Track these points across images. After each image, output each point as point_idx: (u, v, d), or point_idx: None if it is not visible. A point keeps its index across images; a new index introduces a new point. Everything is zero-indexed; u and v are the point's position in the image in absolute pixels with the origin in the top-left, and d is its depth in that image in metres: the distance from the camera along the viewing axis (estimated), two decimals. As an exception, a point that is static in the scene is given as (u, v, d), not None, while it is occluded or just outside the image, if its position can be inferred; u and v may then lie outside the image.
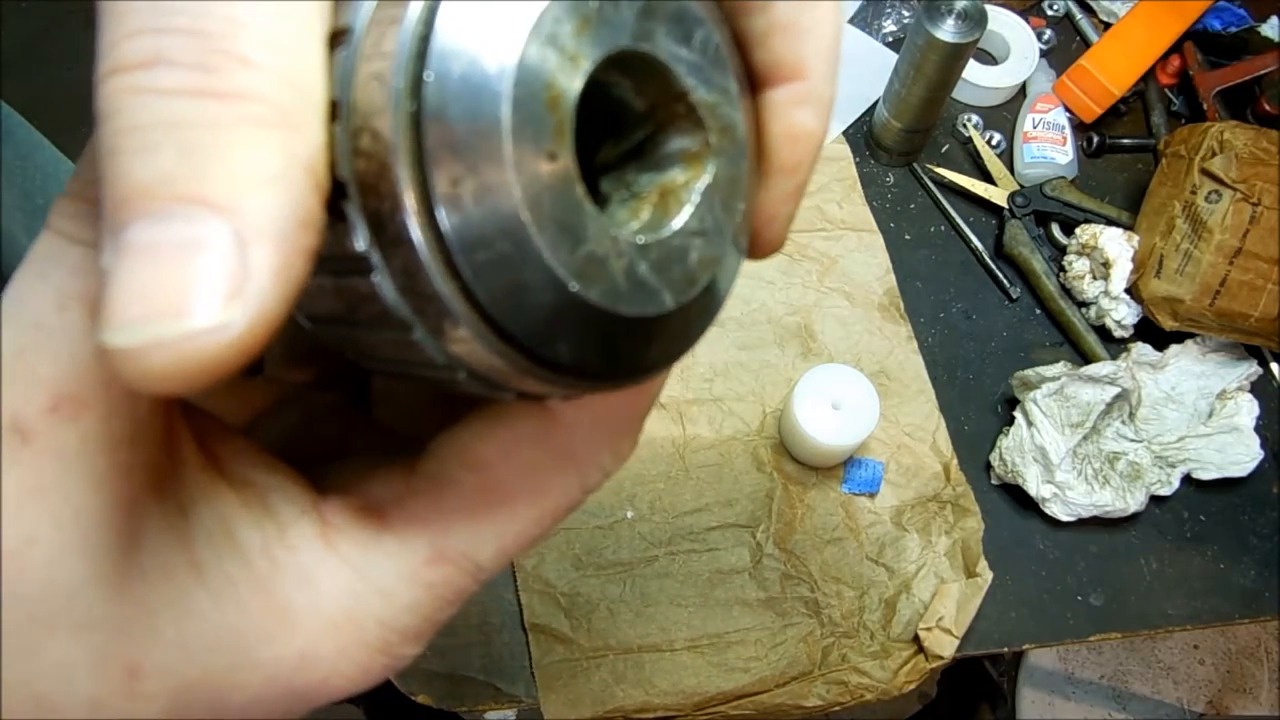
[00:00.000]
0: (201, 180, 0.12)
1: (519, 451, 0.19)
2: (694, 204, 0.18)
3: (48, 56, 0.89)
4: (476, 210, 0.14)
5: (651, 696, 0.64)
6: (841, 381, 0.68)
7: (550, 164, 0.15)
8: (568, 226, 0.15)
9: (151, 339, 0.12)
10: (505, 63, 0.14)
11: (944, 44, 0.73)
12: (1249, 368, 0.77)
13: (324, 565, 0.18)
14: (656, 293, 0.17)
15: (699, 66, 0.17)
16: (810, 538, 0.70)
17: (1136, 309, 0.77)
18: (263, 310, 0.13)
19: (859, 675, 0.66)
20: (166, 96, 0.12)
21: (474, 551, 0.19)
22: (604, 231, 0.16)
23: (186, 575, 0.17)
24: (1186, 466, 0.74)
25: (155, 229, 0.12)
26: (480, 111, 0.14)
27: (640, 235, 0.17)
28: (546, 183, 0.15)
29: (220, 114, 0.12)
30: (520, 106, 0.14)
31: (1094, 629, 0.70)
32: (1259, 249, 0.72)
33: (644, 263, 0.17)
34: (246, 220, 0.13)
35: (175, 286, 0.12)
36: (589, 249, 0.16)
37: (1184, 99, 0.91)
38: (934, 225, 0.84)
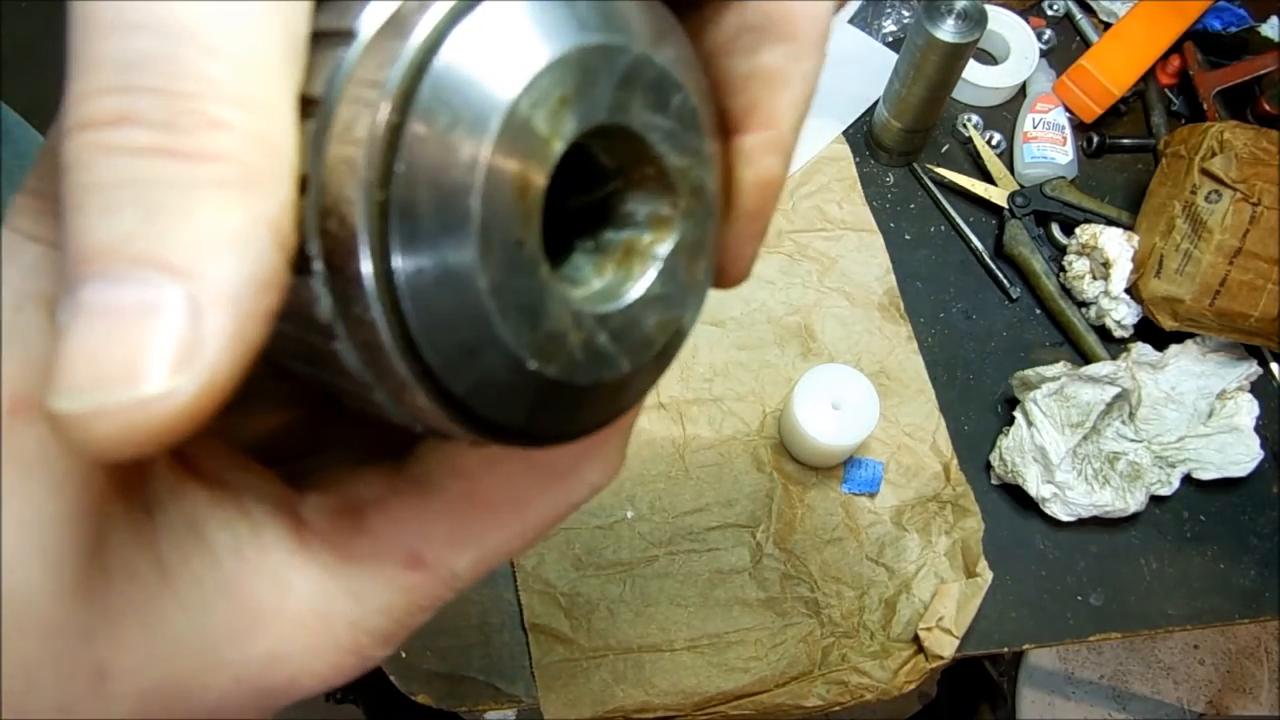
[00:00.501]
0: (161, 242, 0.12)
1: (503, 463, 0.19)
2: (658, 268, 0.18)
3: (48, 56, 0.89)
4: (440, 299, 0.14)
5: (651, 696, 0.64)
6: (841, 381, 0.68)
7: (517, 251, 0.15)
8: (529, 308, 0.15)
9: (97, 406, 0.12)
10: (479, 155, 0.14)
11: (944, 44, 0.73)
12: (1249, 368, 0.77)
13: (296, 564, 0.18)
14: (613, 359, 0.17)
15: (673, 133, 0.17)
16: (810, 538, 0.70)
17: (1136, 309, 0.77)
18: (213, 377, 0.13)
19: (859, 675, 0.66)
20: (132, 155, 0.12)
21: (451, 559, 0.19)
22: (565, 308, 0.16)
23: (152, 576, 0.16)
24: (1186, 466, 0.74)
25: (110, 291, 0.12)
26: (451, 206, 0.14)
27: (601, 305, 0.17)
28: (511, 269, 0.15)
29: (186, 175, 0.12)
30: (490, 200, 0.14)
31: (1094, 629, 0.70)
32: (1259, 249, 0.72)
33: (603, 333, 0.17)
34: (204, 285, 0.12)
35: (125, 352, 0.12)
36: (549, 327, 0.16)
37: (1184, 99, 0.91)
38: (934, 225, 0.84)
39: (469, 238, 0.14)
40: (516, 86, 0.14)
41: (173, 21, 0.12)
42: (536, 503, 0.19)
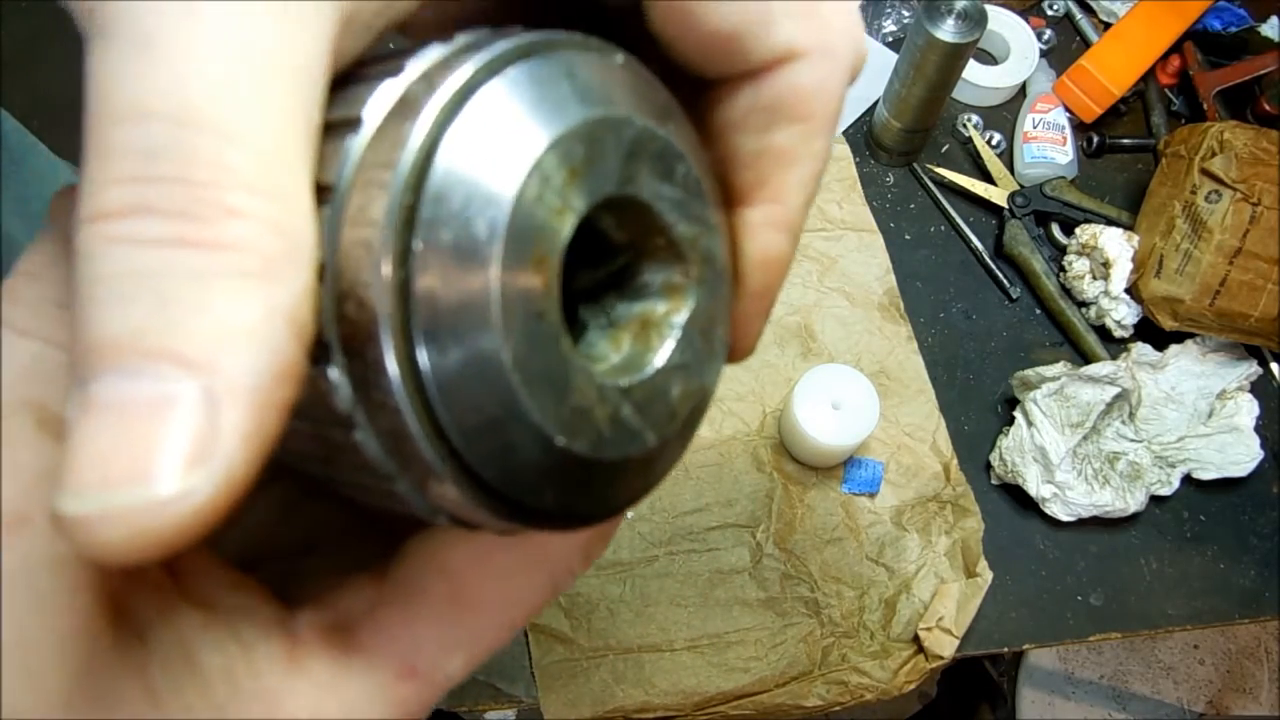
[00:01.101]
0: (175, 334, 0.12)
1: (491, 558, 0.18)
2: (675, 338, 0.18)
3: (48, 56, 0.89)
4: (465, 377, 0.14)
5: (651, 696, 0.64)
6: (841, 381, 0.68)
7: (538, 323, 0.15)
8: (554, 381, 0.15)
9: (106, 509, 0.11)
10: (495, 229, 0.14)
11: (944, 44, 0.73)
12: (1249, 368, 0.76)
13: (289, 685, 0.17)
14: (639, 434, 0.17)
15: (680, 202, 0.17)
16: (810, 538, 0.70)
17: (1136, 309, 0.77)
18: (229, 476, 0.12)
19: (859, 675, 0.66)
20: (147, 247, 0.12)
21: (445, 663, 0.18)
22: (589, 381, 0.16)
23: (142, 704, 0.16)
24: (1186, 466, 0.74)
25: (122, 385, 0.12)
26: (470, 281, 0.14)
27: (623, 378, 0.17)
28: (534, 342, 0.15)
29: (201, 265, 0.12)
30: (509, 271, 0.14)
31: (1094, 629, 0.70)
32: (1259, 249, 0.72)
33: (627, 405, 0.17)
34: (220, 377, 0.12)
35: (136, 451, 0.11)
36: (575, 402, 0.15)
37: (1184, 99, 0.91)
38: (934, 225, 0.84)
39: (490, 312, 0.14)
40: (528, 162, 0.14)
41: (190, 109, 0.12)
42: (523, 593, 0.19)
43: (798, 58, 0.18)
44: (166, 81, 0.12)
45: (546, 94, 0.15)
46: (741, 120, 0.18)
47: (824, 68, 0.18)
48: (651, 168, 0.17)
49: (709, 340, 0.18)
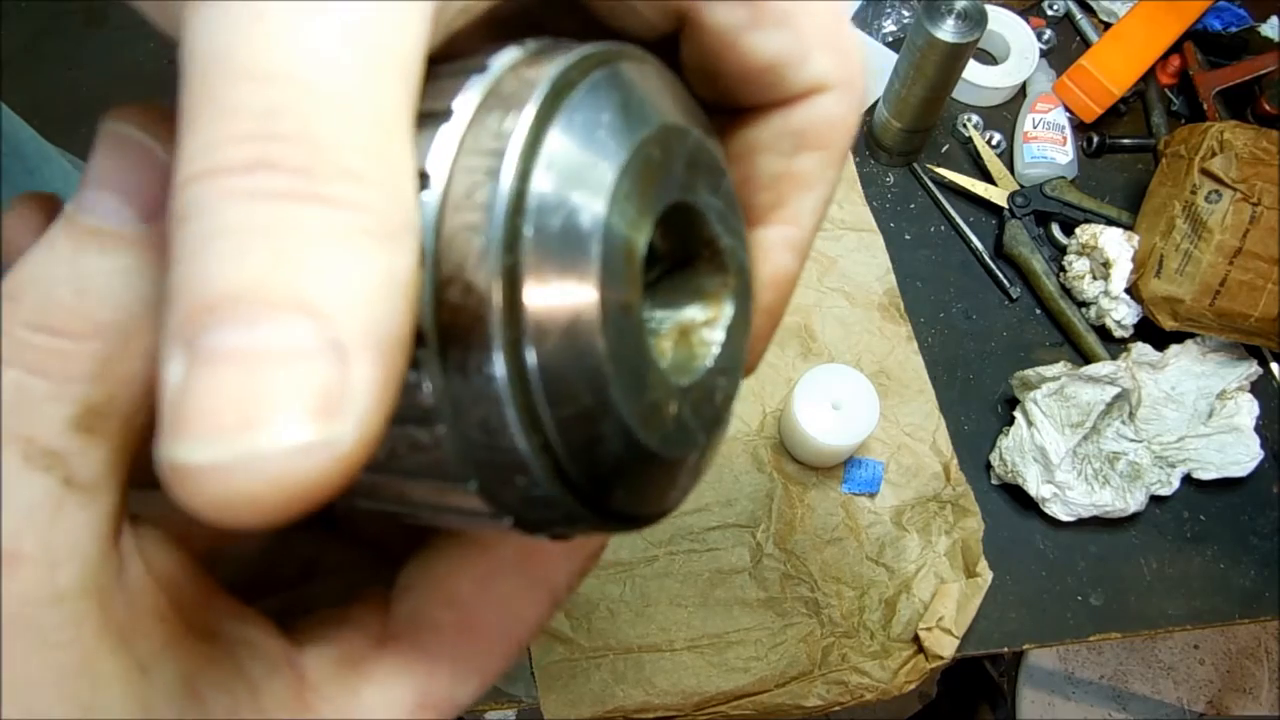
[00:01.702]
0: (300, 283, 0.11)
1: (496, 582, 0.18)
2: (720, 342, 0.18)
3: (48, 56, 0.89)
4: (565, 365, 0.14)
5: (651, 696, 0.64)
6: (841, 381, 0.68)
7: (626, 317, 0.15)
8: (638, 375, 0.15)
9: (240, 454, 0.10)
10: (595, 219, 0.14)
11: (944, 44, 0.73)
12: (1249, 368, 0.76)
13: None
14: (694, 433, 0.17)
15: (723, 214, 0.18)
16: (810, 538, 0.70)
17: (1136, 309, 0.77)
18: (367, 429, 0.11)
19: (859, 675, 0.66)
20: (270, 200, 0.11)
21: (457, 693, 0.18)
22: (662, 378, 0.16)
23: None
24: (1186, 466, 0.74)
25: (243, 334, 0.11)
26: (575, 268, 0.14)
27: (682, 378, 0.17)
28: (623, 336, 0.15)
29: (326, 222, 0.11)
30: (609, 263, 0.14)
31: (1094, 629, 0.70)
32: (1259, 249, 0.72)
33: (687, 405, 0.17)
34: (347, 329, 0.11)
35: (268, 396, 0.11)
36: (651, 397, 0.16)
37: (1184, 99, 0.91)
38: (934, 225, 0.84)
39: (594, 302, 0.14)
40: (620, 160, 0.15)
41: (310, 75, 0.12)
42: (527, 613, 0.19)
43: (826, 90, 0.19)
44: (286, 47, 0.12)
45: (627, 99, 0.16)
46: (768, 144, 0.19)
47: (847, 100, 0.19)
48: (705, 179, 0.17)
49: (741, 347, 0.19)
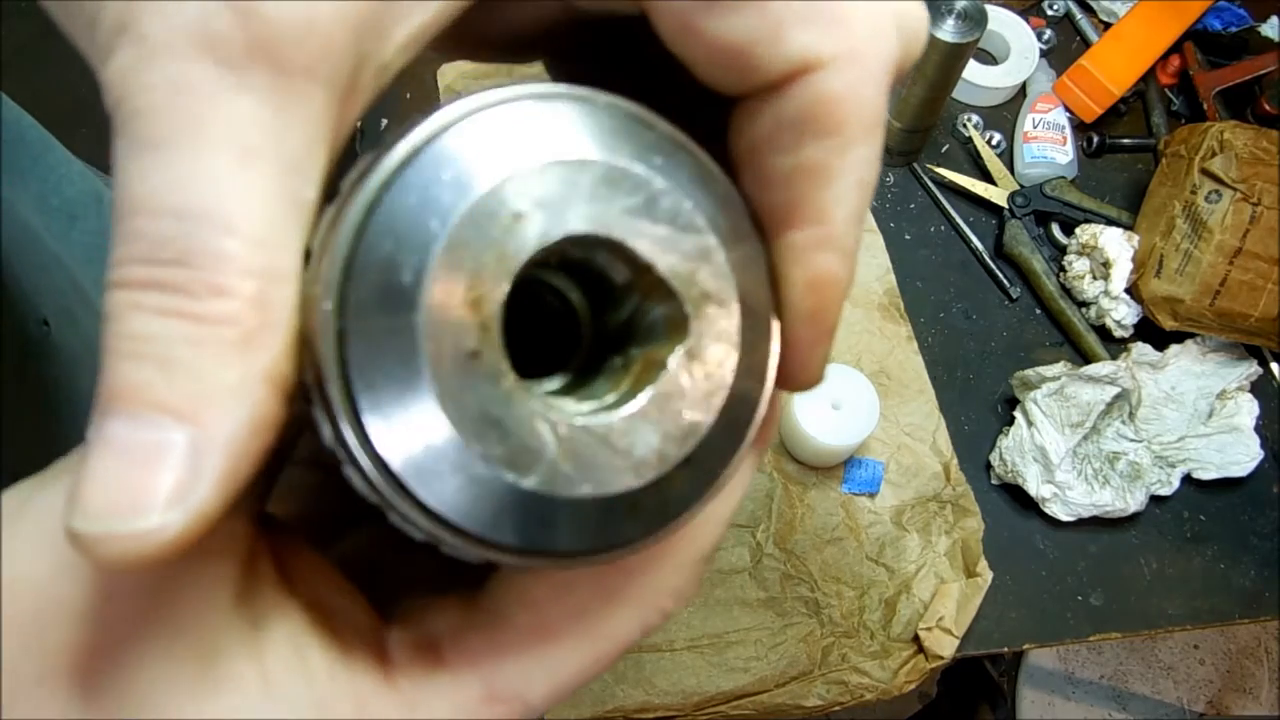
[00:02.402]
0: (171, 391, 0.14)
1: (571, 593, 0.19)
2: (661, 378, 0.17)
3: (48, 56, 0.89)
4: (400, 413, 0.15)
5: (651, 696, 0.64)
6: (841, 381, 0.68)
7: (472, 363, 0.15)
8: (493, 419, 0.16)
9: (105, 532, 0.14)
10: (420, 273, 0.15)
11: (944, 44, 0.73)
12: (1249, 368, 0.76)
13: (380, 698, 0.18)
14: (610, 473, 0.17)
15: (667, 238, 0.17)
16: (810, 538, 0.70)
17: (1136, 309, 0.77)
18: (200, 514, 0.14)
19: (859, 675, 0.66)
20: (155, 315, 0.14)
21: (526, 691, 0.19)
22: (539, 420, 0.16)
23: (255, 689, 0.17)
24: (1186, 466, 0.74)
25: (128, 428, 0.14)
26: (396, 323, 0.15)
27: (594, 419, 0.17)
28: (467, 381, 0.15)
29: (195, 335, 0.14)
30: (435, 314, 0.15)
31: (1094, 629, 0.70)
32: (1259, 249, 0.72)
33: (591, 442, 0.17)
34: (204, 430, 0.14)
35: (133, 488, 0.14)
36: (520, 440, 0.16)
37: (1184, 99, 0.91)
38: (934, 225, 0.84)
39: (417, 350, 0.15)
40: (457, 213, 0.15)
41: (195, 205, 0.14)
42: (607, 630, 0.20)
43: (818, 67, 0.17)
44: (173, 181, 0.14)
45: (486, 149, 0.16)
46: (769, 139, 0.18)
47: (850, 74, 0.17)
48: (626, 206, 0.17)
49: (715, 378, 0.18)
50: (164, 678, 0.17)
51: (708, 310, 0.18)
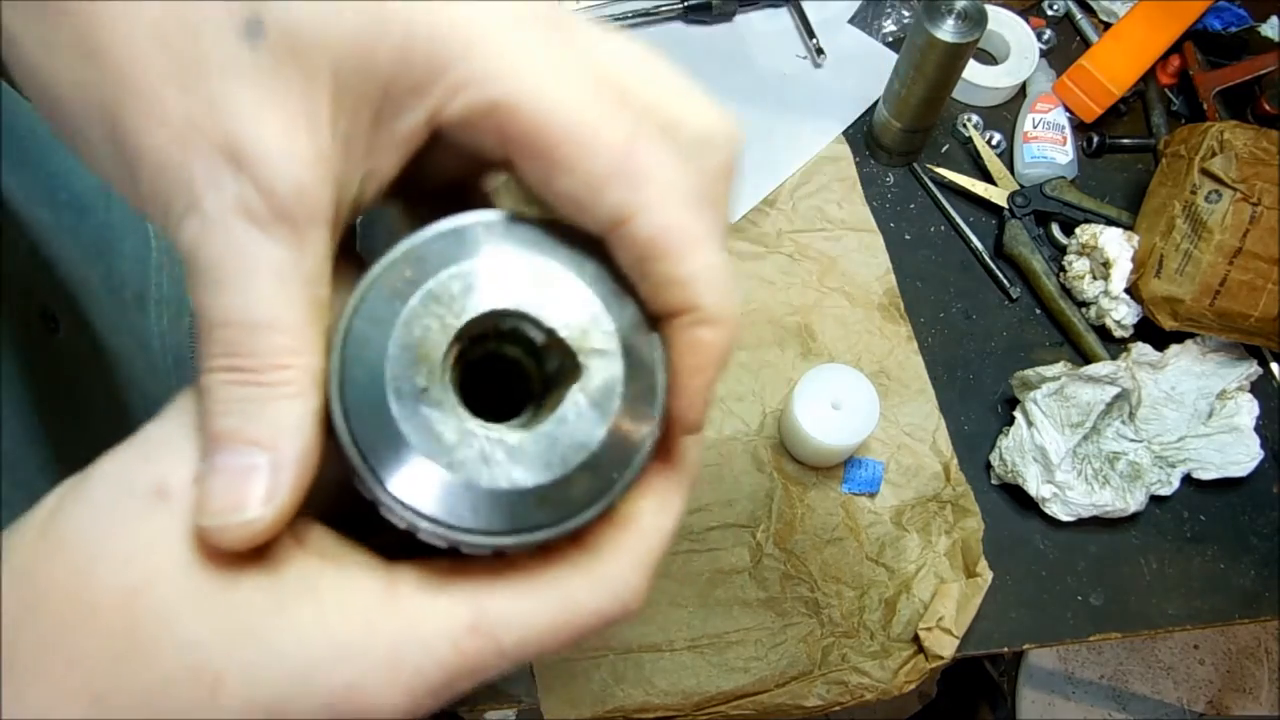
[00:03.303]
0: (256, 431, 0.23)
1: (547, 563, 0.25)
2: (561, 409, 0.24)
3: (48, 56, 0.89)
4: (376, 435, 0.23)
5: (651, 696, 0.64)
6: (841, 381, 0.68)
7: (422, 394, 0.24)
8: (434, 432, 0.24)
9: (223, 524, 0.22)
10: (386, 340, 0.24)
11: (944, 44, 0.73)
12: (1249, 368, 0.77)
13: (384, 614, 0.23)
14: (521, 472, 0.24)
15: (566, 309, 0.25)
16: (810, 538, 0.70)
17: (1136, 309, 0.77)
18: (282, 508, 0.23)
19: (859, 675, 0.66)
20: (237, 386, 0.23)
21: (501, 633, 0.24)
22: (464, 433, 0.24)
23: (270, 615, 0.23)
24: (1186, 466, 0.74)
25: (230, 457, 0.23)
26: (372, 373, 0.24)
27: (506, 432, 0.24)
28: (417, 406, 0.23)
29: (266, 394, 0.23)
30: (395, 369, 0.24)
31: (1094, 629, 0.70)
32: (1259, 249, 0.72)
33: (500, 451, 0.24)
34: (280, 454, 0.23)
35: (238, 495, 0.22)
36: (452, 446, 0.24)
37: (1184, 99, 0.91)
38: (934, 225, 0.84)
39: (383, 388, 0.23)
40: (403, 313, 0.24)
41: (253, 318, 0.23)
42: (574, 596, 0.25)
43: (631, 217, 0.23)
44: (237, 305, 0.23)
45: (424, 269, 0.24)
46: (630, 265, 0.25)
47: (656, 216, 0.23)
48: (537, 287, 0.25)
49: (602, 408, 0.25)
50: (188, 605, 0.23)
51: (594, 362, 0.25)
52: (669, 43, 0.90)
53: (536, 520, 0.24)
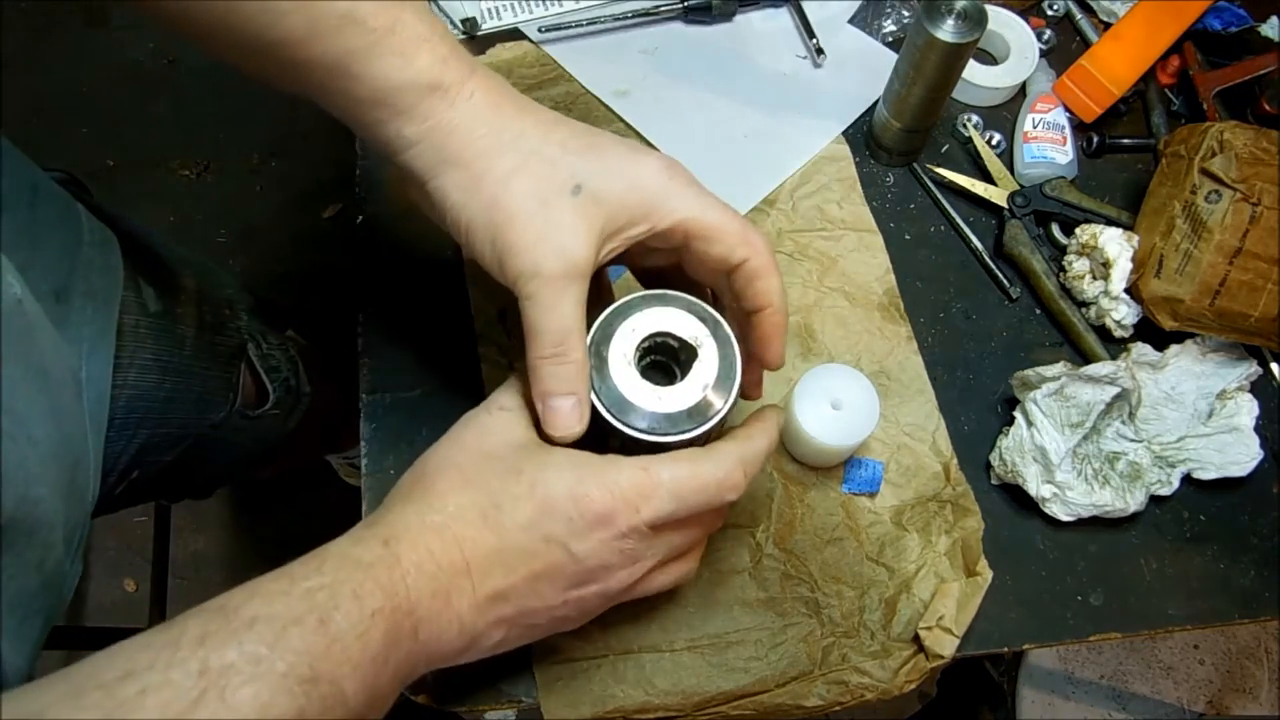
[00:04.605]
0: (569, 386, 0.50)
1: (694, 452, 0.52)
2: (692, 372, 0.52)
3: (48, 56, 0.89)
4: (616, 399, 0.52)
5: (651, 697, 0.64)
6: (841, 381, 0.68)
7: (627, 364, 0.52)
8: (640, 394, 0.52)
9: (563, 435, 0.50)
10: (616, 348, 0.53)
11: (944, 44, 0.73)
12: (1249, 368, 0.77)
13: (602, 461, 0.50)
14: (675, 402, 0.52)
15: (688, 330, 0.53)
16: (810, 538, 0.70)
17: (1136, 309, 0.77)
18: (584, 422, 0.50)
19: (859, 675, 0.66)
20: (554, 364, 0.49)
21: (658, 471, 0.49)
22: (653, 391, 0.52)
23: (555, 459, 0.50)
24: (1186, 466, 0.74)
25: (560, 401, 0.50)
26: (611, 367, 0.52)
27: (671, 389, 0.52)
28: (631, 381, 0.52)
29: (572, 370, 0.49)
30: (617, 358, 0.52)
31: (1094, 629, 0.70)
32: (1259, 249, 0.72)
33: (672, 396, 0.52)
34: (580, 397, 0.50)
35: (568, 419, 0.50)
36: (650, 397, 0.52)
37: (1184, 99, 0.91)
38: (934, 225, 0.84)
39: (608, 367, 0.52)
40: (619, 330, 0.53)
41: (565, 328, 0.49)
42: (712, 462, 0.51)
43: (747, 260, 0.52)
44: (555, 321, 0.49)
45: (627, 312, 0.53)
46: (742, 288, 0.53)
47: (757, 260, 0.52)
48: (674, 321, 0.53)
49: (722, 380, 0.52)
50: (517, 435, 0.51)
51: (703, 351, 0.52)
52: (669, 42, 0.90)
53: (688, 427, 0.51)
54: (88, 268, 0.68)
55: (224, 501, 1.77)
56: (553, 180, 0.48)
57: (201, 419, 0.84)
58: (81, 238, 0.69)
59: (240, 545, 1.75)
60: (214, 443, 0.87)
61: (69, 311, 0.65)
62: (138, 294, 0.75)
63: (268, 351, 0.95)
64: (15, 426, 0.52)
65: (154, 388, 0.76)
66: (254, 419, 0.92)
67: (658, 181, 0.50)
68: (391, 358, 0.74)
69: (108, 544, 1.73)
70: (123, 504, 0.80)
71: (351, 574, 0.43)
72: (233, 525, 1.76)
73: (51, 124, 1.86)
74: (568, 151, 0.50)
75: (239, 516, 1.76)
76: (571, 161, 0.49)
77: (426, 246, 0.78)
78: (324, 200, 1.98)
